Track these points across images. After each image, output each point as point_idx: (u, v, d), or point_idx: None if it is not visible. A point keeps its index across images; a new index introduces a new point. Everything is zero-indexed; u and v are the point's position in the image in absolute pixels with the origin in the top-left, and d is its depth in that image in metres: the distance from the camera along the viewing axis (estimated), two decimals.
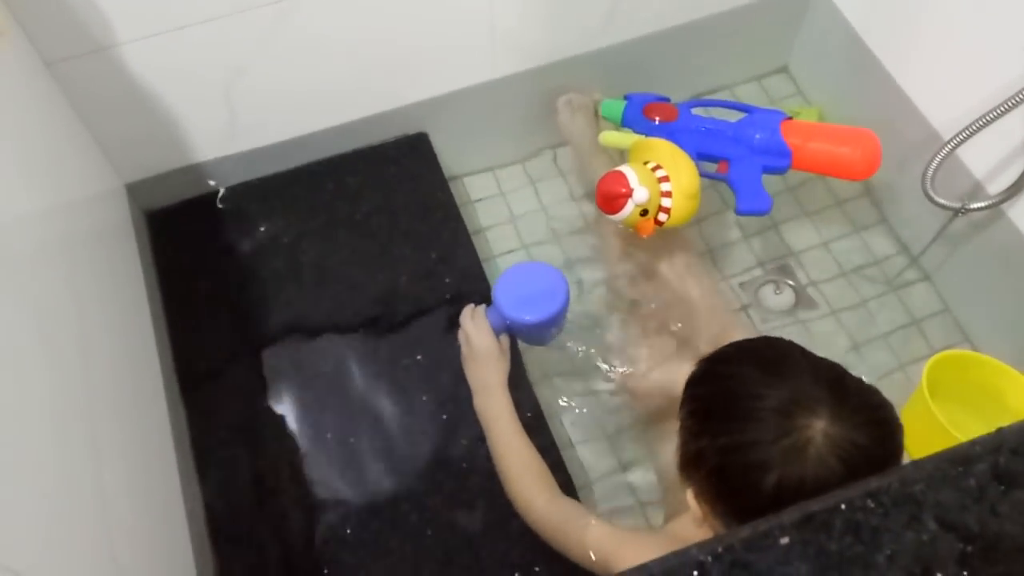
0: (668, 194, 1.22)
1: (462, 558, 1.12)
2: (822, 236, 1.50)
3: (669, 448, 1.10)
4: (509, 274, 1.23)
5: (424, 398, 1.23)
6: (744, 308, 1.44)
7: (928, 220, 1.37)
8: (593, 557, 1.04)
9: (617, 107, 1.43)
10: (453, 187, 1.44)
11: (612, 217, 1.25)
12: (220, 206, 1.38)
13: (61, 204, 1.03)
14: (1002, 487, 0.49)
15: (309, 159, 1.41)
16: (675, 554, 0.46)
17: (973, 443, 0.52)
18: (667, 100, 1.42)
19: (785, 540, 0.46)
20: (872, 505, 0.47)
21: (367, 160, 1.43)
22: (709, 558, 0.45)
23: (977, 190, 1.29)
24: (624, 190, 1.21)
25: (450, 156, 1.48)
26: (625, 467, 1.29)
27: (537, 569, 1.11)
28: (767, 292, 1.45)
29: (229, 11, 1.13)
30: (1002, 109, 1.13)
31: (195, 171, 1.34)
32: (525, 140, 1.57)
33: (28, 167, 0.95)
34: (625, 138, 1.37)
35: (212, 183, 1.38)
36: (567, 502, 1.13)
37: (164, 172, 1.33)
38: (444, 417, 1.21)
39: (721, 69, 1.64)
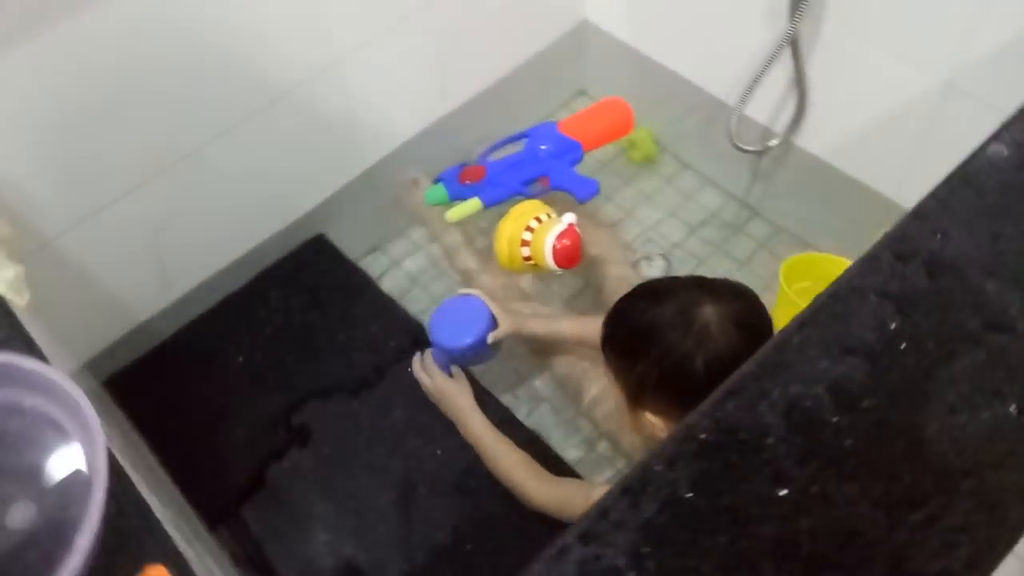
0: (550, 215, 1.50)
1: None
2: (666, 210, 1.82)
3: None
4: (435, 317, 1.43)
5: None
6: None
7: (739, 170, 1.72)
8: None
9: (439, 190, 1.62)
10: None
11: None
12: (171, 352, 1.49)
13: None
14: None
15: (232, 288, 1.55)
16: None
17: None
18: (465, 164, 1.65)
19: None
20: None
21: (284, 272, 1.59)
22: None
23: (767, 134, 1.64)
24: (571, 239, 1.44)
25: (345, 247, 1.66)
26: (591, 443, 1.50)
27: None
28: (644, 266, 1.73)
29: (150, 176, 1.28)
30: (764, 66, 1.49)
31: (141, 331, 1.45)
32: (398, 216, 1.78)
33: None
34: (469, 206, 1.56)
35: (157, 335, 1.48)
36: (563, 480, 1.32)
37: (113, 342, 1.43)
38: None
39: (534, 108, 1.93)
